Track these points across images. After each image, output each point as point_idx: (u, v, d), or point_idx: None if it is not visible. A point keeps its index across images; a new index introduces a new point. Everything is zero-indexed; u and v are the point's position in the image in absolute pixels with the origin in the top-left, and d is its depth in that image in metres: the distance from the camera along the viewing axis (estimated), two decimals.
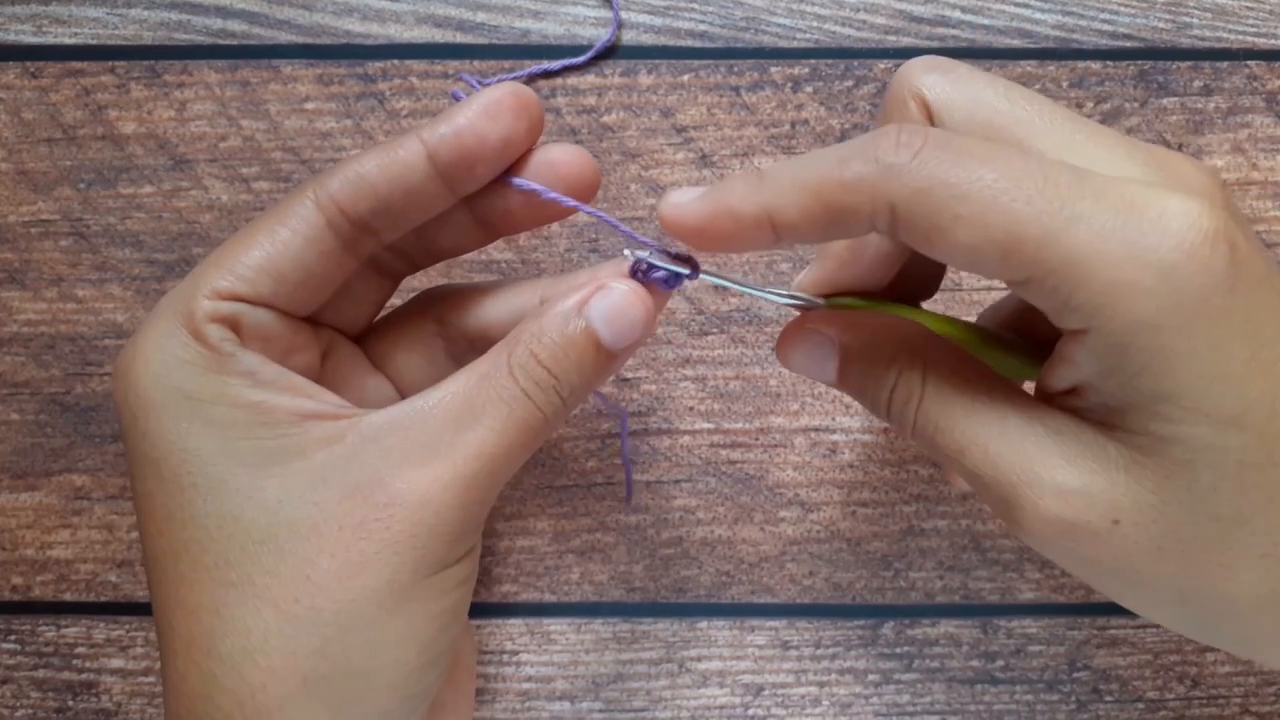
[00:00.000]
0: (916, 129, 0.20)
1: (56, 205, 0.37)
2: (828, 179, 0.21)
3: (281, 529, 0.23)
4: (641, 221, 0.36)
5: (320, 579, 0.22)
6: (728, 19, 0.37)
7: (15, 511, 0.36)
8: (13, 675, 0.36)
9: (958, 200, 0.19)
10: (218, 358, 0.23)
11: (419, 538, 0.23)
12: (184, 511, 0.23)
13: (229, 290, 0.24)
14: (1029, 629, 0.36)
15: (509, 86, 0.24)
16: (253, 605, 0.23)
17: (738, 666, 0.36)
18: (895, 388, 0.23)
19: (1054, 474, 0.21)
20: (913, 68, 0.23)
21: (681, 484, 0.36)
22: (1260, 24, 0.37)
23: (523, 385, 0.23)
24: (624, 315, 0.24)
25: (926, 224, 0.20)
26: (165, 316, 0.24)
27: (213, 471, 0.23)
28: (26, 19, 0.37)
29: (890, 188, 0.20)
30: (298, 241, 0.24)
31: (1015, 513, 0.22)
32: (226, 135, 0.37)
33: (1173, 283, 0.19)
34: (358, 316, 0.28)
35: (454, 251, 0.28)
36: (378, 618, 0.23)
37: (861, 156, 0.20)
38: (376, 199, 0.24)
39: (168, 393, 0.23)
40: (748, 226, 0.21)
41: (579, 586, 0.36)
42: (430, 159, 0.24)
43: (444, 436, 0.23)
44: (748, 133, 0.37)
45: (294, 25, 0.37)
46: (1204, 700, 0.36)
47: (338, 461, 0.23)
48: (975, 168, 0.19)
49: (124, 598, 0.36)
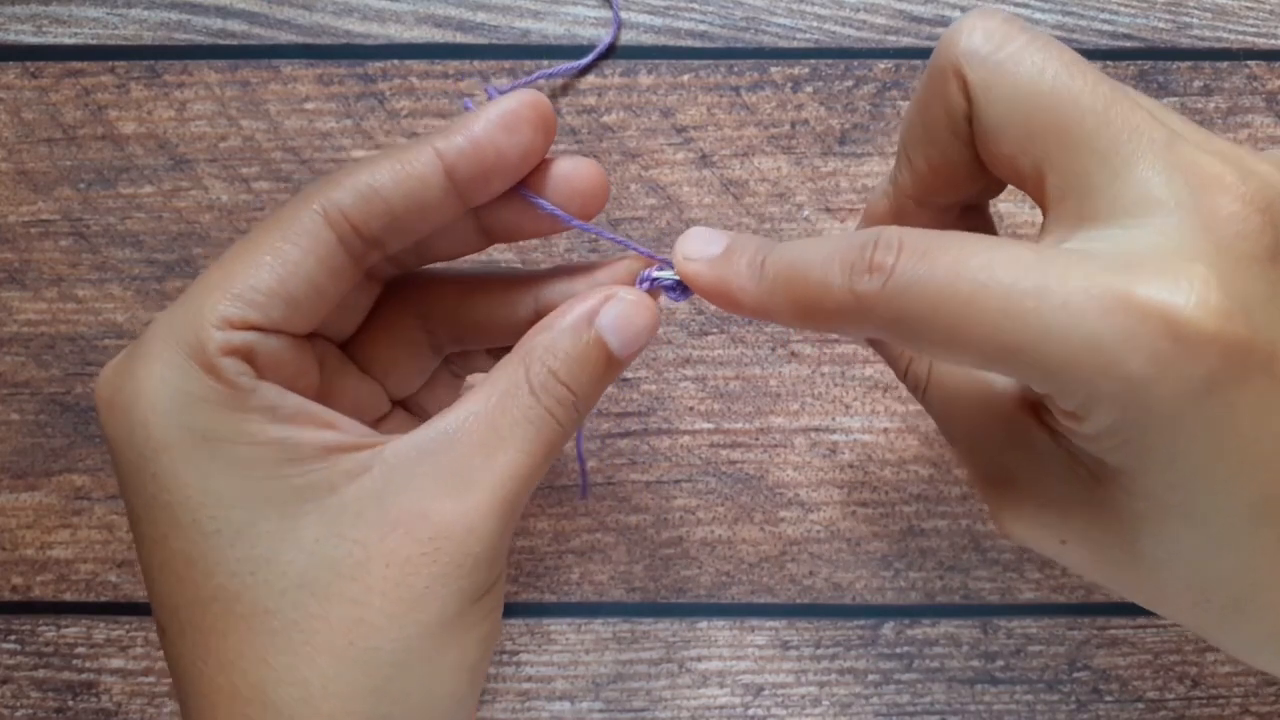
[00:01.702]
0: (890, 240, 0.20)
1: (56, 205, 0.37)
2: (817, 298, 0.21)
3: (322, 570, 0.22)
4: (642, 222, 0.36)
5: (374, 619, 0.22)
6: (728, 19, 0.37)
7: (15, 511, 0.36)
8: (13, 675, 0.36)
9: (930, 330, 0.20)
10: (235, 394, 0.22)
11: (464, 568, 0.22)
12: (208, 559, 0.22)
13: (240, 318, 0.22)
14: (1029, 629, 0.36)
15: (526, 97, 0.23)
16: (305, 652, 0.22)
17: (738, 666, 0.36)
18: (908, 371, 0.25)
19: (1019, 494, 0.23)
20: (961, 32, 0.21)
21: (681, 484, 0.36)
22: (1260, 24, 0.37)
23: (545, 404, 0.23)
24: (632, 324, 0.24)
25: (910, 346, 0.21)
26: (167, 346, 0.22)
27: (238, 515, 0.22)
28: (26, 19, 0.37)
29: (869, 317, 0.20)
30: (310, 262, 0.23)
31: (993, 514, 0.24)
32: (226, 135, 0.37)
33: (1143, 398, 0.18)
34: (348, 324, 0.27)
35: (450, 256, 0.27)
36: (432, 652, 0.23)
37: (841, 278, 0.20)
38: (391, 215, 0.23)
39: (181, 433, 0.22)
40: (747, 313, 0.23)
41: (579, 586, 0.36)
42: (446, 173, 0.23)
43: (476, 462, 0.23)
44: (748, 133, 0.37)
45: (294, 25, 0.37)
46: (1204, 700, 0.36)
47: (370, 495, 0.22)
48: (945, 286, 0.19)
49: (124, 598, 0.36)
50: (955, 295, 0.19)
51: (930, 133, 0.23)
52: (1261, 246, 0.19)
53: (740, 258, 0.23)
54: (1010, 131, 0.21)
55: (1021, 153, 0.21)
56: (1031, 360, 0.19)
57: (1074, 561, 0.23)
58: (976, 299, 0.19)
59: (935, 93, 0.22)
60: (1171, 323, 0.18)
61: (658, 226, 0.36)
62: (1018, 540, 0.23)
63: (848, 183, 0.36)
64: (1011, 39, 0.21)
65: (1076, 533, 0.22)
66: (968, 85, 0.21)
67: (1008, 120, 0.21)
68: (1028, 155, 0.21)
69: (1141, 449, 0.19)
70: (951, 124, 0.22)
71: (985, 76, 0.21)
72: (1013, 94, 0.21)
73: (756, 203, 0.37)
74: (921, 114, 0.23)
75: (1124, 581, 0.22)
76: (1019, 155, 0.21)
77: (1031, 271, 0.19)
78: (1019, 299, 0.19)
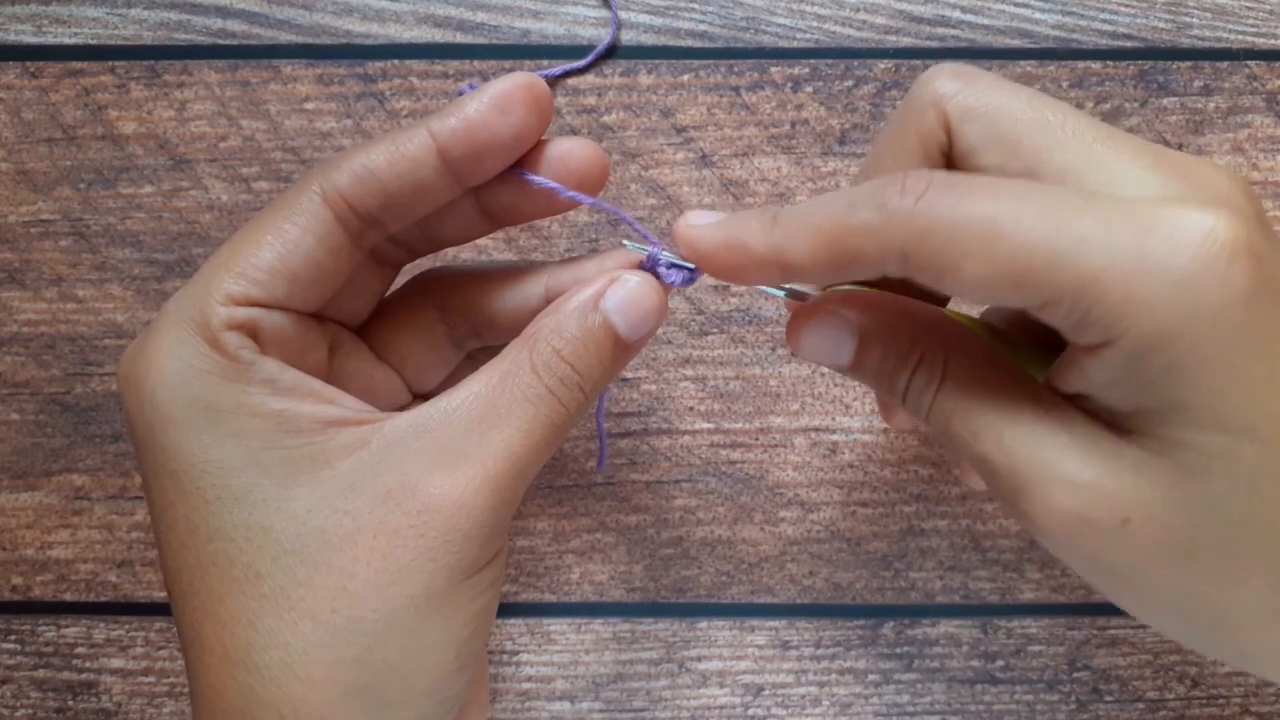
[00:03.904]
0: (921, 174, 0.20)
1: (56, 205, 0.37)
2: (838, 225, 0.21)
3: (312, 539, 0.22)
4: (642, 222, 0.36)
5: (358, 588, 0.22)
6: (728, 19, 0.37)
7: (15, 511, 0.36)
8: (13, 675, 0.36)
9: (963, 238, 0.20)
10: (237, 367, 0.23)
11: (453, 543, 0.23)
12: (209, 524, 0.23)
13: (243, 295, 0.23)
14: (1029, 629, 0.36)
15: (520, 78, 0.24)
16: (289, 617, 0.22)
17: (738, 666, 0.36)
18: (916, 371, 0.23)
19: (1066, 467, 0.21)
20: (934, 75, 0.23)
21: (681, 484, 0.36)
22: (1260, 24, 0.37)
23: (547, 383, 0.24)
24: (638, 306, 0.24)
25: (936, 264, 0.20)
26: (176, 323, 0.23)
27: (237, 484, 0.23)
28: (26, 19, 0.37)
29: (897, 233, 0.20)
30: (308, 239, 0.24)
31: (1025, 504, 0.21)
32: (226, 135, 0.37)
33: (1188, 295, 0.19)
34: (360, 308, 0.28)
35: (457, 240, 0.27)
36: (416, 624, 0.23)
37: (869, 204, 0.21)
38: (385, 194, 0.24)
39: (186, 405, 0.23)
40: (757, 263, 0.22)
41: (579, 586, 0.36)
42: (440, 154, 0.24)
43: (472, 438, 0.23)
44: (748, 133, 0.37)
45: (294, 25, 0.37)
46: (1204, 700, 0.36)
47: (365, 468, 0.23)
48: (978, 204, 0.20)
49: (124, 598, 0.36)
50: (987, 213, 0.19)
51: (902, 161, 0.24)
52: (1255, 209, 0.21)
53: (748, 215, 0.23)
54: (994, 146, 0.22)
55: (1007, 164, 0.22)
56: (1071, 270, 0.19)
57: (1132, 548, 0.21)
58: (1010, 213, 0.19)
59: (911, 125, 0.23)
60: (1210, 232, 0.19)
61: (658, 226, 0.36)
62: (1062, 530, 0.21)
63: (848, 182, 0.36)
64: (980, 78, 0.23)
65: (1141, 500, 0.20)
66: (946, 116, 0.23)
67: (990, 139, 0.22)
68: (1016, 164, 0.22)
69: (1191, 368, 0.19)
70: (924, 150, 0.23)
71: (963, 104, 0.23)
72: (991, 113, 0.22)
73: (756, 203, 0.37)
74: (893, 144, 0.24)
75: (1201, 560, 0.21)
76: (1004, 167, 0.22)
77: (1069, 195, 0.20)
78: (1056, 212, 0.19)
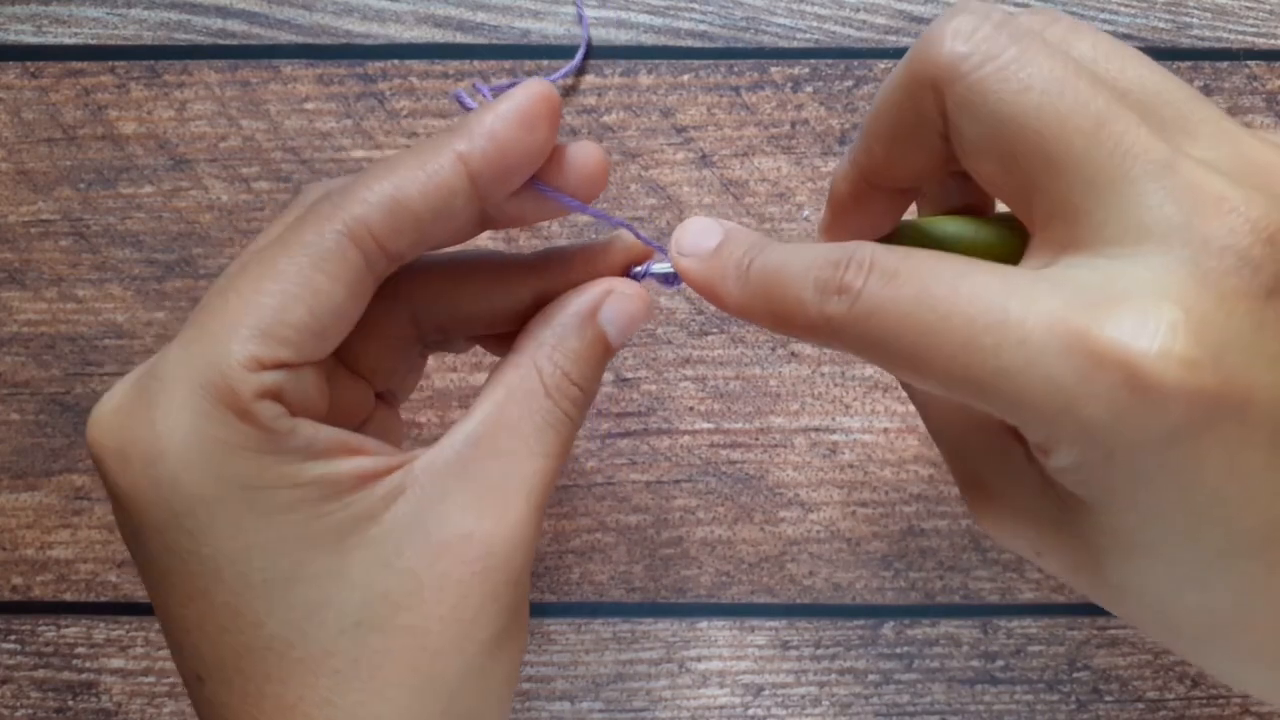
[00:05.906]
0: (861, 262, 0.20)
1: (56, 205, 0.37)
2: (790, 312, 0.21)
3: (379, 605, 0.22)
4: (642, 222, 0.36)
5: (436, 645, 0.22)
6: (728, 19, 0.37)
7: (15, 511, 0.36)
8: (13, 675, 0.36)
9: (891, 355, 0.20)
10: (273, 437, 0.21)
11: (513, 580, 0.23)
12: (256, 609, 0.21)
13: (272, 359, 0.20)
14: (1029, 629, 0.36)
15: (537, 90, 0.22)
16: (373, 687, 0.22)
17: (738, 666, 0.36)
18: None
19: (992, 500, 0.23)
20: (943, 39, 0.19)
21: (681, 484, 0.36)
22: (1260, 24, 0.37)
23: (562, 406, 0.24)
24: (633, 319, 0.25)
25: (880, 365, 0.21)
26: (191, 391, 0.20)
27: (286, 563, 0.21)
28: (26, 19, 0.37)
29: (836, 341, 0.21)
30: (339, 291, 0.21)
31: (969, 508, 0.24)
32: (226, 135, 0.37)
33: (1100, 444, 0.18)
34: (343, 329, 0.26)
35: (447, 245, 0.25)
36: (487, 666, 0.23)
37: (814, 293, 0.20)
38: (419, 231, 0.22)
39: (220, 484, 0.20)
40: (733, 311, 0.23)
41: (579, 586, 0.36)
42: (470, 178, 0.22)
43: (509, 473, 0.23)
44: (748, 133, 0.37)
45: (294, 25, 0.37)
46: (1204, 700, 0.36)
47: (409, 519, 0.22)
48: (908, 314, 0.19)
49: (124, 598, 0.36)
50: (918, 324, 0.19)
51: (898, 138, 0.21)
52: (1257, 282, 0.17)
53: (730, 258, 0.22)
54: (991, 154, 0.19)
55: (1004, 174, 0.20)
56: (992, 394, 0.18)
57: (1051, 571, 0.23)
58: (938, 329, 0.18)
59: (908, 102, 0.20)
60: (1131, 372, 0.17)
61: (658, 226, 0.36)
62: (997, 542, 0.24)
63: None
64: (995, 54, 0.19)
65: (1050, 549, 0.22)
66: (944, 103, 0.19)
67: (989, 143, 0.19)
68: (1012, 177, 0.19)
69: (1105, 490, 0.19)
70: (922, 134, 0.21)
71: (963, 96, 0.19)
72: (993, 116, 0.19)
73: (756, 203, 0.37)
74: (890, 115, 0.21)
75: (1098, 599, 0.22)
76: (1001, 177, 0.20)
77: (995, 304, 0.18)
78: (979, 333, 0.18)
